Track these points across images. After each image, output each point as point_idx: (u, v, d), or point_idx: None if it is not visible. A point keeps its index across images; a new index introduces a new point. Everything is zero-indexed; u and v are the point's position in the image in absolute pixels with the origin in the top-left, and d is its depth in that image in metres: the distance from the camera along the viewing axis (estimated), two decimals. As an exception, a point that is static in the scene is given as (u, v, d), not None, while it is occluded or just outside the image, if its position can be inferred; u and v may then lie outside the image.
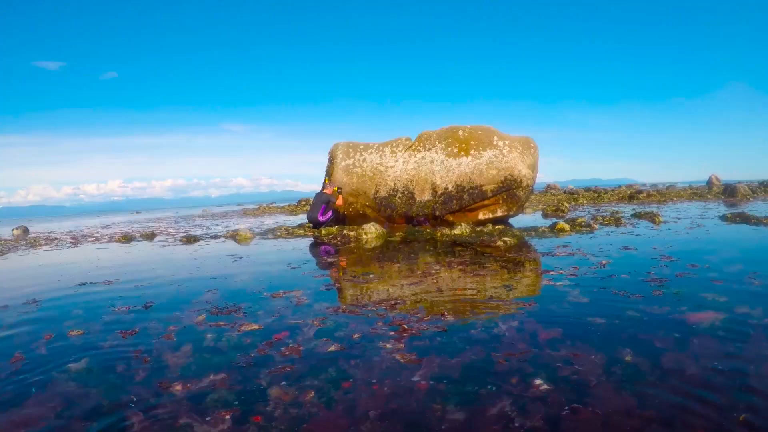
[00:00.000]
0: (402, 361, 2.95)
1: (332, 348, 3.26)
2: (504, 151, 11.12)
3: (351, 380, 2.75)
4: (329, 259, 7.65)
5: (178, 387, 2.80)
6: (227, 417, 2.42)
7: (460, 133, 11.70)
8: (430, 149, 11.70)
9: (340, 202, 12.18)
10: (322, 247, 9.23)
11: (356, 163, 12.17)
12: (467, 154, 11.25)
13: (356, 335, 3.48)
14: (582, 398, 2.37)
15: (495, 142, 11.30)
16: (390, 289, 5.02)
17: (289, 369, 2.96)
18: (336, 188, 12.13)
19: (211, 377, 2.91)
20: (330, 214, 12.24)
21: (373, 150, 12.27)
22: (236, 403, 2.58)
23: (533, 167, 11.50)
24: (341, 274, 6.21)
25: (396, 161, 11.87)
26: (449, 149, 11.49)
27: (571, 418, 2.19)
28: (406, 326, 3.59)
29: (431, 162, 11.51)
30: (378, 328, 3.62)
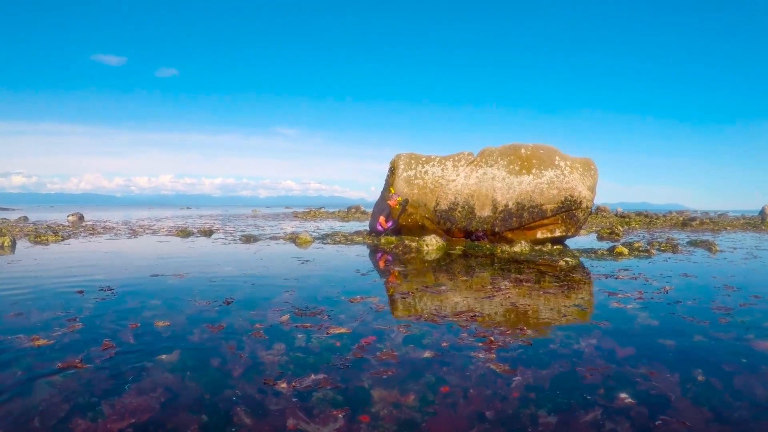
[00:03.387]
0: (498, 370, 3.18)
1: (426, 355, 3.45)
2: (565, 172, 11.31)
3: (448, 385, 2.94)
4: (396, 268, 7.89)
5: (284, 384, 2.90)
6: (339, 416, 2.53)
7: (522, 151, 11.92)
8: (492, 165, 11.94)
9: (392, 203, 12.45)
10: (385, 256, 9.51)
11: (417, 175, 12.48)
12: (528, 172, 11.48)
13: (444, 344, 3.70)
14: (665, 410, 2.63)
15: (556, 162, 11.50)
16: (464, 301, 5.26)
17: (391, 373, 3.11)
18: (399, 198, 12.42)
19: (312, 377, 3.02)
20: (390, 224, 12.54)
21: (435, 163, 12.56)
22: (342, 402, 2.69)
23: (593, 189, 11.66)
24: (413, 283, 6.43)
25: (457, 175, 12.15)
26: (511, 167, 11.73)
27: (660, 428, 2.46)
28: (492, 338, 3.83)
29: (493, 178, 11.75)
30: (464, 338, 3.85)
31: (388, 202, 12.52)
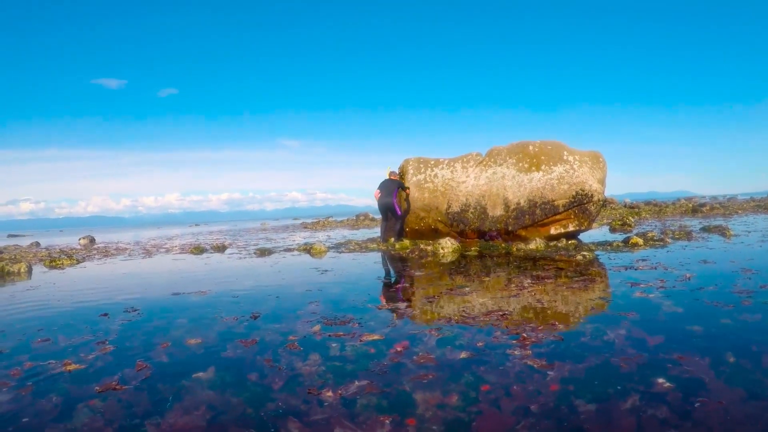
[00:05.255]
0: (535, 366, 3.26)
1: (463, 355, 3.52)
2: (574, 166, 11.38)
3: (489, 383, 3.01)
4: (415, 273, 7.95)
5: (329, 393, 2.93)
6: (386, 421, 2.58)
7: (530, 148, 12.00)
8: (501, 164, 12.04)
9: (407, 181, 12.63)
10: (403, 261, 9.54)
11: (427, 179, 12.58)
12: (538, 169, 11.55)
13: (479, 343, 3.77)
14: (701, 392, 2.74)
15: (565, 157, 11.57)
16: (490, 301, 5.33)
17: (431, 375, 3.17)
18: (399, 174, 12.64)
19: (356, 384, 3.05)
20: (399, 213, 12.61)
21: (444, 165, 12.67)
22: (387, 407, 2.74)
23: (603, 182, 11.72)
24: (435, 287, 6.49)
25: (467, 176, 12.24)
26: (520, 164, 11.81)
27: (699, 409, 2.56)
28: (525, 335, 3.92)
29: (503, 177, 11.84)
30: (498, 337, 3.93)
31: (393, 177, 12.73)
